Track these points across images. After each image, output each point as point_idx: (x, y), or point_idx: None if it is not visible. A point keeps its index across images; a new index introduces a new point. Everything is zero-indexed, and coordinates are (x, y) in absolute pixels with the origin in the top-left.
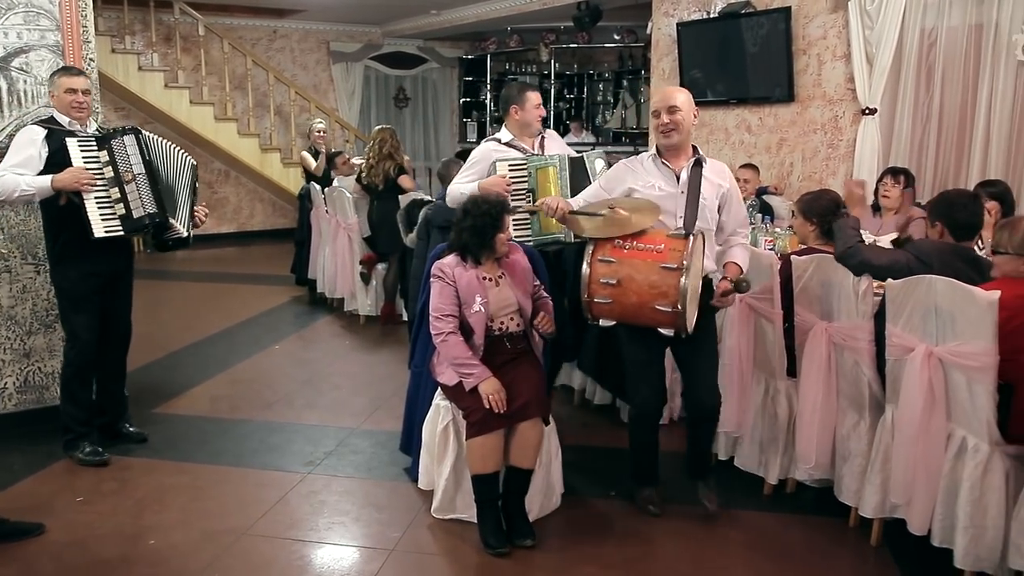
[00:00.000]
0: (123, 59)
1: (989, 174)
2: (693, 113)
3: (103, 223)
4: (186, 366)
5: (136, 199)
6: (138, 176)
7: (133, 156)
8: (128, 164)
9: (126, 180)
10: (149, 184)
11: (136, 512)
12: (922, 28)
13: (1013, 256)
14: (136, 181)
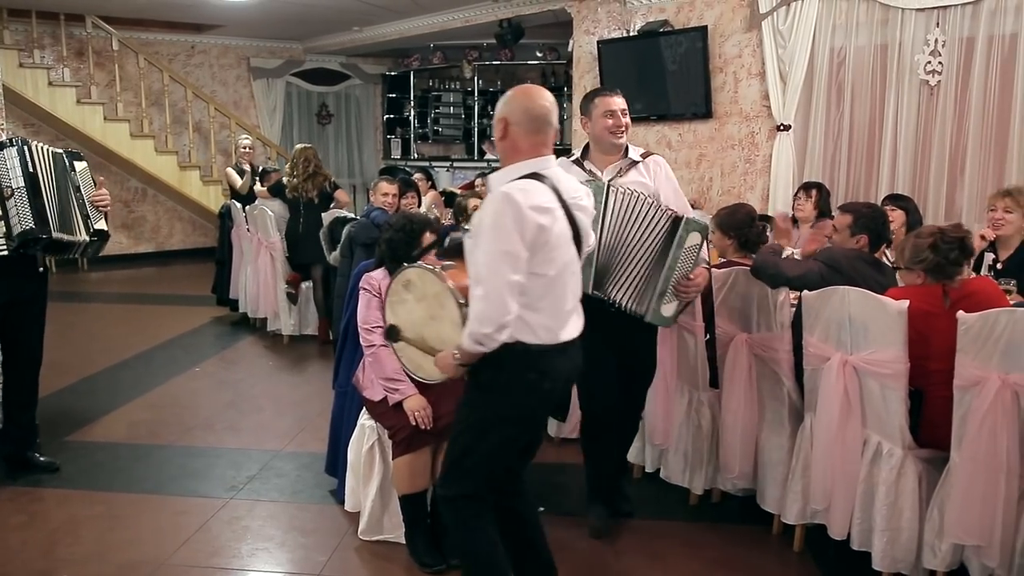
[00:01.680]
0: (32, 73)
1: (897, 186)
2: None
3: None
4: (102, 391)
5: (15, 215)
6: (16, 191)
7: (12, 170)
8: (9, 179)
9: (6, 196)
10: (28, 199)
11: (47, 546)
12: (831, 47)
13: (907, 271)
14: (15, 196)
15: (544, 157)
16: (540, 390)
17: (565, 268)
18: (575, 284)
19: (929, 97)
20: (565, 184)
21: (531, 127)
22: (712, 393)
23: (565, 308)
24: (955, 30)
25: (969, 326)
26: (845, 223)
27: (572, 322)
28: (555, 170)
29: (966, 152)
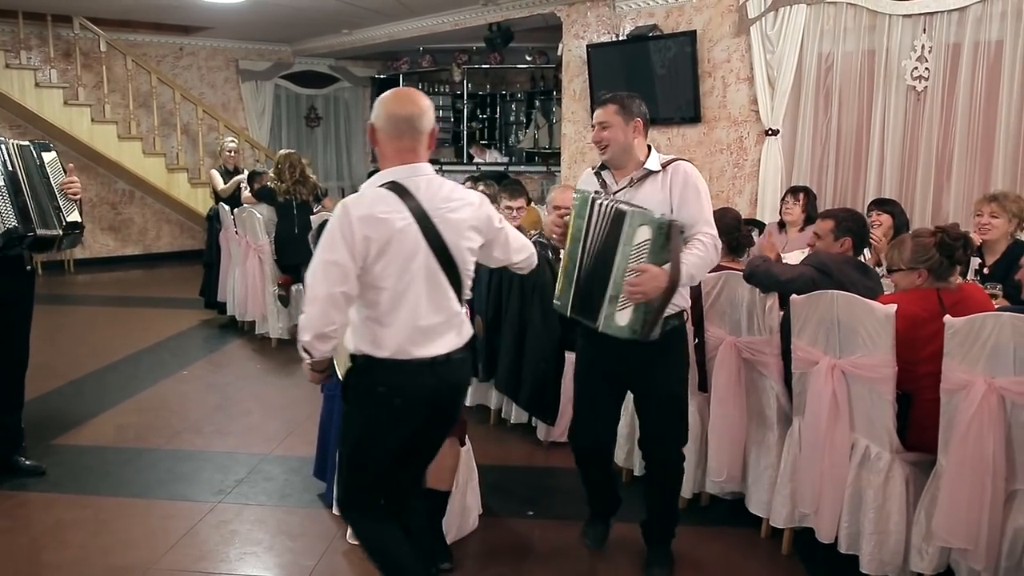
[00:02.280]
0: (19, 75)
1: (884, 190)
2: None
3: None
4: (89, 394)
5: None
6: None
7: None
8: None
9: None
10: (10, 197)
11: (33, 551)
12: (819, 53)
13: (907, 271)
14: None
15: (409, 164)
16: (390, 405)
17: (415, 281)
18: (441, 298)
19: (916, 102)
20: (434, 192)
21: (394, 132)
22: (701, 397)
23: (421, 323)
24: (942, 36)
25: (956, 330)
26: (828, 228)
27: (436, 339)
28: (423, 178)
29: (953, 157)
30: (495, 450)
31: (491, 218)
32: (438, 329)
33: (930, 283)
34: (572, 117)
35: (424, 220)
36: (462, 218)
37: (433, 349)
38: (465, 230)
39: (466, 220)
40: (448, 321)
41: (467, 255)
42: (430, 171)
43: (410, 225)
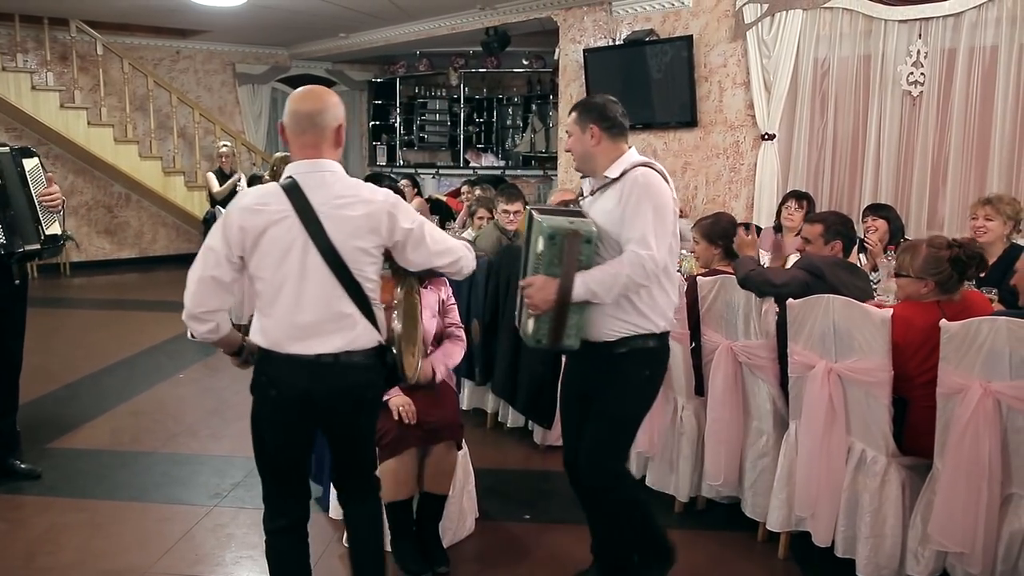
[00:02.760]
0: (15, 77)
1: (880, 195)
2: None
3: None
4: (84, 398)
5: None
6: None
7: None
8: None
9: None
10: (1, 212)
11: (28, 554)
12: (815, 58)
13: (914, 279)
14: None
15: (308, 160)
16: (268, 396)
17: (292, 276)
18: (328, 297)
19: (912, 107)
20: (327, 189)
21: (295, 128)
22: (697, 401)
23: (297, 319)
24: (937, 42)
25: (952, 335)
26: (817, 232)
27: (316, 337)
28: (321, 174)
29: (948, 161)
30: (492, 454)
31: (394, 217)
32: (320, 328)
33: (934, 294)
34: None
35: (307, 215)
36: (352, 216)
37: (311, 347)
38: (357, 228)
39: (358, 218)
40: (336, 321)
41: (359, 255)
42: (333, 167)
43: (288, 219)
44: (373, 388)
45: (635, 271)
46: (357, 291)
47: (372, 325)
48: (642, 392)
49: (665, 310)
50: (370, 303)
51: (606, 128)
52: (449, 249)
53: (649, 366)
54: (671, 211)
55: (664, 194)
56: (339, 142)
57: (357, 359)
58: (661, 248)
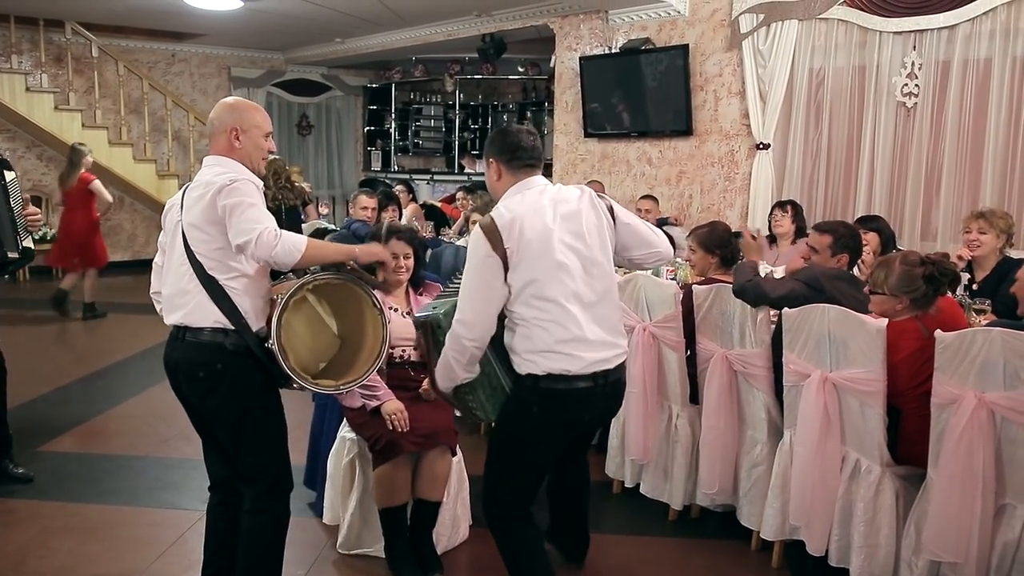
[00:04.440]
0: (9, 79)
1: (874, 205)
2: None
3: None
4: (75, 401)
5: None
6: None
7: None
8: None
9: None
10: None
11: (19, 558)
12: (810, 68)
13: (889, 296)
14: None
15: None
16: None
17: (165, 255)
18: (178, 273)
19: (906, 118)
20: (196, 178)
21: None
22: (692, 409)
23: (165, 292)
24: (931, 53)
25: (946, 345)
26: (825, 243)
27: (171, 310)
28: (205, 168)
29: (942, 173)
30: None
31: (219, 194)
32: (172, 301)
33: (909, 311)
34: (564, 129)
35: (182, 199)
36: (194, 196)
37: (168, 318)
38: (193, 207)
39: (196, 198)
40: (180, 296)
41: (194, 231)
42: (212, 160)
43: (176, 204)
44: (205, 367)
45: (453, 346)
46: (199, 269)
47: (214, 304)
48: (524, 423)
49: (550, 346)
50: (216, 282)
51: (503, 160)
52: (246, 230)
53: (536, 402)
54: (487, 266)
55: (477, 251)
56: (230, 146)
57: (191, 336)
58: (480, 311)
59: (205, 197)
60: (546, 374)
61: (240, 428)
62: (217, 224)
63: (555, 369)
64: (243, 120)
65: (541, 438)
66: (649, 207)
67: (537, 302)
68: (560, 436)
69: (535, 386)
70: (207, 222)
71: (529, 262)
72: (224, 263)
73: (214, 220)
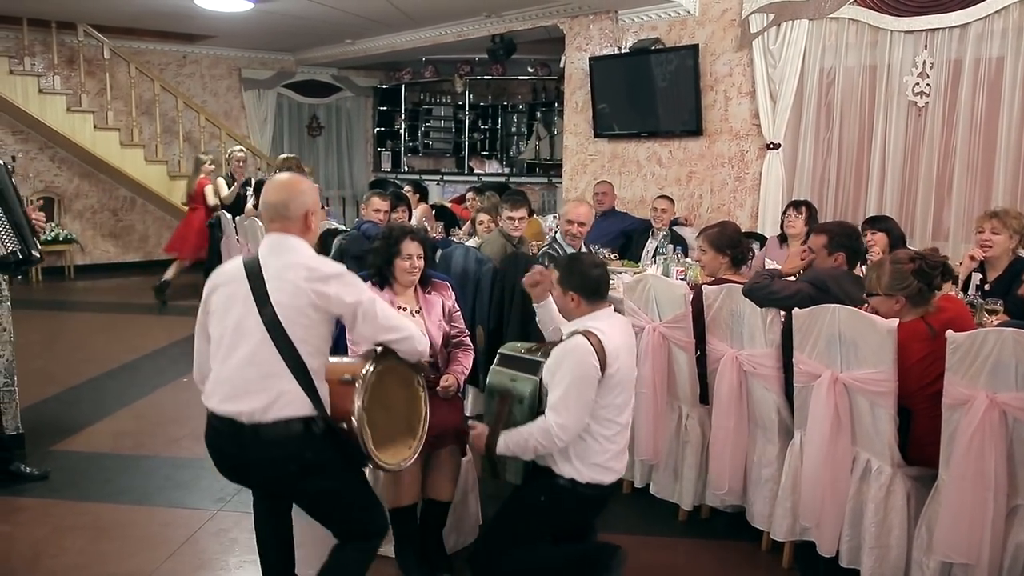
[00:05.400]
0: (22, 80)
1: (885, 206)
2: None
3: None
4: (86, 401)
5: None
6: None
7: None
8: None
9: None
10: (5, 217)
11: (32, 557)
12: (821, 68)
13: (885, 297)
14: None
15: (273, 233)
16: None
17: (228, 331)
18: (257, 356)
19: (917, 118)
20: (279, 257)
21: (266, 216)
22: (702, 409)
23: (224, 375)
24: (943, 52)
25: (958, 345)
26: (821, 243)
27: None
28: (278, 244)
29: (953, 172)
30: None
31: (338, 288)
32: (241, 388)
33: (909, 310)
34: (574, 129)
35: (254, 276)
36: (294, 278)
37: (236, 406)
38: (297, 290)
39: (298, 280)
40: (261, 381)
41: (294, 314)
42: (293, 241)
43: (237, 280)
44: (296, 460)
45: (543, 437)
46: (291, 352)
47: (303, 390)
48: (531, 509)
49: (596, 461)
50: (306, 368)
51: (587, 297)
52: (397, 327)
53: (548, 496)
54: (591, 382)
55: (584, 366)
56: (308, 227)
57: (270, 431)
58: (580, 419)
59: (308, 282)
60: (586, 483)
61: (329, 503)
62: (322, 311)
63: (595, 479)
64: (316, 201)
65: (541, 523)
66: (665, 207)
67: (608, 423)
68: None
69: (566, 486)
70: (311, 307)
71: (620, 387)
72: (321, 349)
73: (318, 306)
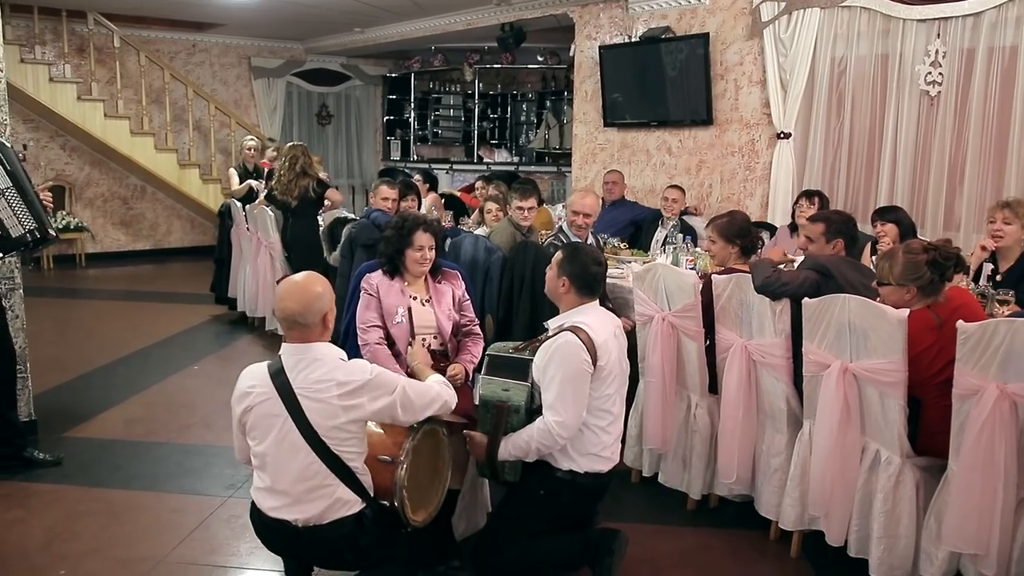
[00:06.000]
0: (33, 69)
1: (896, 196)
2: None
3: None
4: (98, 388)
5: (10, 216)
6: (6, 191)
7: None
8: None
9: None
10: (21, 198)
11: (45, 541)
12: (832, 56)
13: (896, 287)
14: (6, 196)
15: (296, 344)
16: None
17: (271, 449)
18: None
19: (929, 107)
20: (307, 373)
21: (284, 323)
22: (711, 398)
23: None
24: (956, 41)
25: (968, 335)
26: (819, 231)
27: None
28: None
29: (965, 162)
30: None
31: (370, 396)
32: (298, 497)
33: (919, 300)
34: (583, 118)
35: (288, 397)
36: (328, 398)
37: (291, 513)
38: (333, 409)
39: (333, 399)
40: (313, 491)
41: (336, 432)
42: (319, 352)
43: (270, 400)
44: (351, 551)
45: (544, 439)
46: (336, 463)
47: (353, 491)
48: (531, 502)
49: (593, 451)
50: (351, 471)
51: (578, 287)
52: (432, 401)
53: (547, 489)
54: (585, 378)
55: (574, 361)
56: (327, 327)
57: (325, 532)
58: (577, 415)
59: (341, 399)
60: (585, 472)
61: (375, 563)
62: (359, 421)
63: (593, 468)
64: (331, 299)
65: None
66: (676, 196)
67: (602, 413)
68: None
69: (565, 478)
70: (349, 422)
71: (611, 378)
72: (363, 448)
73: (355, 419)
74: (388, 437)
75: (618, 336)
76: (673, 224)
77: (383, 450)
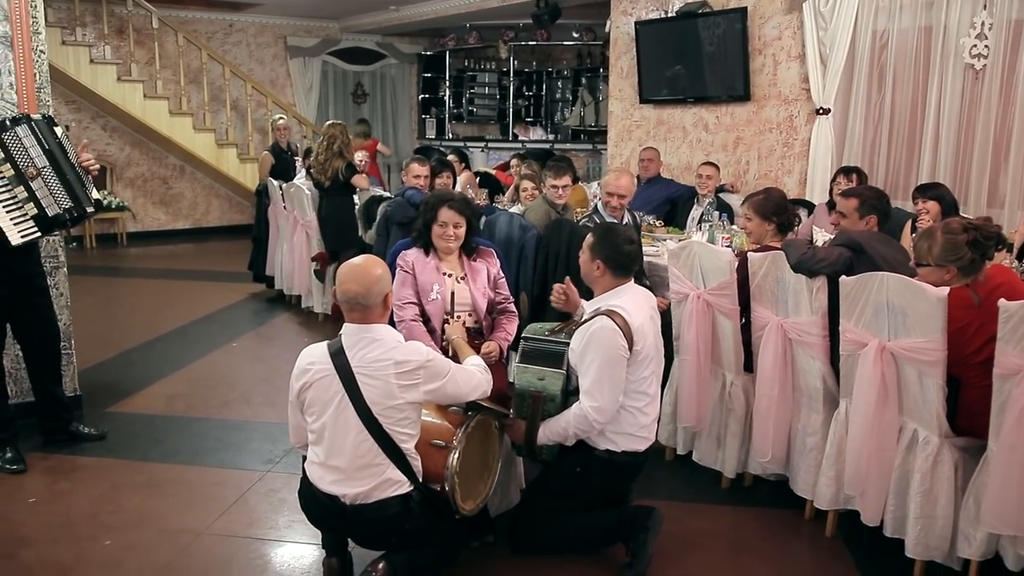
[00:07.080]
0: (74, 51)
1: (938, 172)
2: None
3: (17, 228)
4: (141, 364)
5: (47, 195)
6: (43, 169)
7: (32, 148)
8: (29, 158)
9: (30, 176)
10: (57, 176)
11: (91, 512)
12: (874, 30)
13: (935, 267)
14: (43, 175)
15: (356, 324)
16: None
17: (328, 426)
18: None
19: (974, 81)
20: (366, 352)
21: (345, 305)
22: (746, 377)
23: (333, 463)
24: (1003, 12)
25: (1011, 314)
26: (852, 207)
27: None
28: (364, 338)
29: (1011, 138)
30: None
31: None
32: (350, 474)
33: (959, 279)
34: (619, 95)
35: (345, 375)
36: (385, 376)
37: (342, 488)
38: (389, 388)
39: (390, 377)
40: (364, 469)
41: (391, 412)
42: (378, 333)
43: (327, 377)
44: (396, 533)
45: (581, 424)
46: (388, 443)
47: (402, 472)
48: (568, 479)
49: (630, 431)
50: (402, 452)
51: (611, 267)
52: (476, 387)
53: (584, 467)
54: (621, 363)
55: (612, 346)
56: (387, 307)
57: (372, 511)
58: (614, 400)
59: (398, 377)
60: (622, 451)
61: (419, 545)
62: (415, 404)
63: (630, 448)
64: (389, 281)
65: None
66: (710, 173)
67: (638, 395)
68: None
69: (603, 456)
70: (404, 402)
71: (647, 360)
72: (415, 430)
73: (411, 401)
74: (443, 424)
75: (654, 318)
76: (709, 202)
77: (438, 435)
